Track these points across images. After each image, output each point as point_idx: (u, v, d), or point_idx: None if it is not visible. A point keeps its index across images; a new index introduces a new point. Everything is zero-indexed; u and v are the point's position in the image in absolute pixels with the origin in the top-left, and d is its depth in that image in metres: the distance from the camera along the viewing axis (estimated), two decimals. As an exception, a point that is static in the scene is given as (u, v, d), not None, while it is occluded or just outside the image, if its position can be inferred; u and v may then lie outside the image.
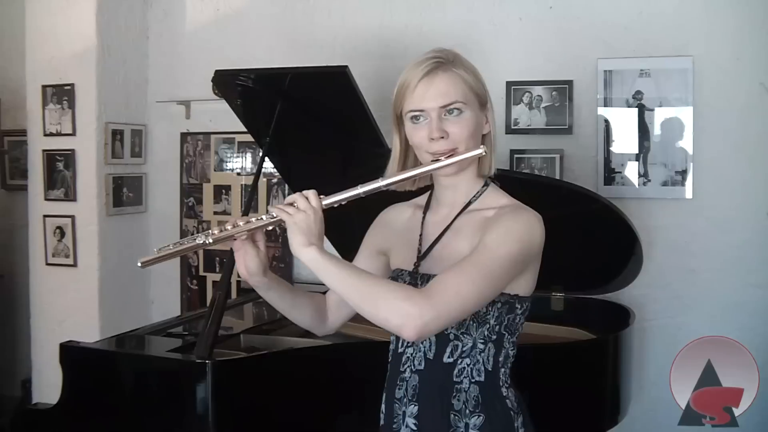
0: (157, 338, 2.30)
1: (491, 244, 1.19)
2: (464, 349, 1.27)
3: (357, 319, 2.55)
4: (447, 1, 3.04)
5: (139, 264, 1.20)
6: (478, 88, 1.29)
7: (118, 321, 3.12)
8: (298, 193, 1.21)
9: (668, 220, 2.82)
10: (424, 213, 1.40)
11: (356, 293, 1.16)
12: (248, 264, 1.27)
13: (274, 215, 1.20)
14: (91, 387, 2.05)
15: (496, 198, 1.33)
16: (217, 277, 3.36)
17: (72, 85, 3.20)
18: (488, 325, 1.27)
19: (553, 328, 2.52)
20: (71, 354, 2.06)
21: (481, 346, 1.27)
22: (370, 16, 3.12)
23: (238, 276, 3.25)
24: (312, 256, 1.17)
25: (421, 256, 1.34)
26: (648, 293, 2.81)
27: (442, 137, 1.25)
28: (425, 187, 1.43)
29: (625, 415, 2.35)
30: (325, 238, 1.23)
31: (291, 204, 1.20)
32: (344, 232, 2.45)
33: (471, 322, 1.26)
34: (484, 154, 1.26)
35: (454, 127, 1.25)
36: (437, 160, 1.26)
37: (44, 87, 3.24)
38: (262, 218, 1.22)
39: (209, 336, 1.93)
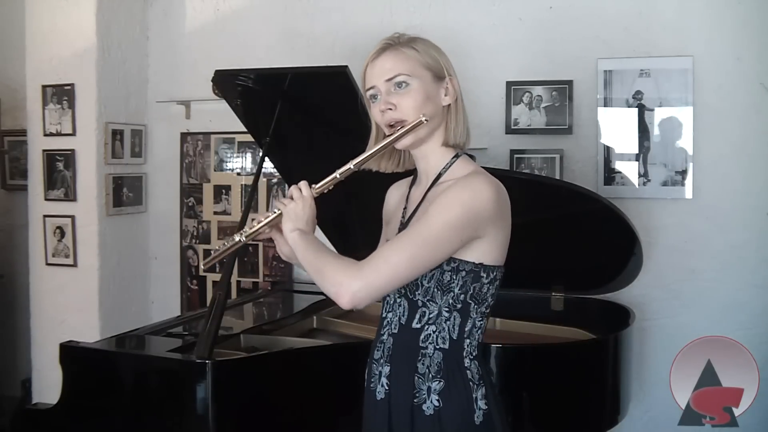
0: (157, 338, 2.29)
1: (431, 212, 1.29)
2: (430, 316, 1.36)
3: (358, 319, 2.56)
4: (447, 1, 3.04)
5: (203, 267, 1.38)
6: (429, 63, 1.39)
7: (118, 321, 3.12)
8: (294, 186, 1.41)
9: (668, 220, 2.82)
10: (410, 188, 1.51)
11: (310, 267, 1.34)
12: (282, 249, 1.48)
13: (277, 209, 1.41)
14: (91, 387, 2.05)
15: (464, 168, 1.40)
16: (217, 277, 3.35)
17: (72, 85, 3.20)
18: (452, 294, 1.34)
19: (553, 328, 2.51)
20: (71, 354, 2.06)
21: (446, 314, 1.35)
22: (370, 16, 3.11)
23: (238, 276, 3.31)
24: (292, 238, 1.37)
25: (401, 228, 1.45)
26: (648, 293, 2.81)
27: (390, 108, 1.37)
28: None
29: (625, 415, 2.35)
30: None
31: (291, 197, 1.40)
32: (346, 230, 2.45)
33: (436, 290, 1.34)
34: (424, 122, 1.35)
35: (400, 99, 1.36)
36: (391, 135, 1.37)
37: (44, 87, 3.24)
38: (275, 211, 1.42)
39: (209, 336, 1.93)
